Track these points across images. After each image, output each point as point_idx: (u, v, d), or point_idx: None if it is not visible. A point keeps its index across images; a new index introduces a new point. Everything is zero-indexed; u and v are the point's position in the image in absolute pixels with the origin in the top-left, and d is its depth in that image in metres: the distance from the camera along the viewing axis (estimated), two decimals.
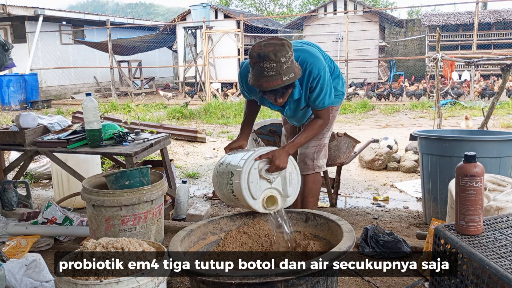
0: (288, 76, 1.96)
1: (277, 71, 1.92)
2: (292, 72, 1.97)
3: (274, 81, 1.94)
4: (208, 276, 1.56)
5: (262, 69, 1.92)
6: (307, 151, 2.53)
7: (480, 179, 1.56)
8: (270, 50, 1.91)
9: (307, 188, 2.56)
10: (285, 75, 1.94)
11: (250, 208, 2.04)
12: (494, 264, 1.38)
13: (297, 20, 18.08)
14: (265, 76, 1.94)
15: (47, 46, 15.43)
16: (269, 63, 1.91)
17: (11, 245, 2.63)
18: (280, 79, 1.94)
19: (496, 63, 5.56)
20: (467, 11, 16.16)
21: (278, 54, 1.91)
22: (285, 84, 1.96)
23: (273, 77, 1.93)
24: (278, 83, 1.94)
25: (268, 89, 1.97)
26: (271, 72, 1.92)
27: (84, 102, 2.89)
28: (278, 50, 1.91)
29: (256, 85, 1.98)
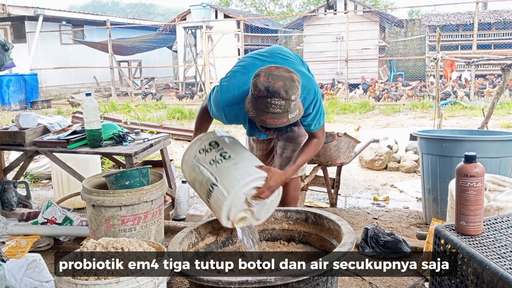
0: (294, 114, 1.79)
1: (285, 109, 1.74)
2: (297, 109, 1.80)
3: (280, 119, 1.76)
4: (207, 282, 1.56)
5: (269, 105, 1.73)
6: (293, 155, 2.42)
7: (480, 179, 1.56)
8: (281, 86, 1.72)
9: (289, 196, 2.49)
10: (292, 112, 1.77)
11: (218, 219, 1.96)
12: (494, 264, 1.38)
13: (297, 20, 18.07)
14: (271, 113, 1.74)
15: (47, 46, 15.43)
16: (278, 100, 1.72)
17: (11, 245, 2.63)
18: (286, 117, 1.76)
19: (496, 63, 5.57)
20: (467, 11, 16.15)
21: (289, 91, 1.72)
22: (290, 123, 1.79)
23: (280, 115, 1.74)
24: (284, 121, 1.76)
25: (272, 126, 1.79)
26: (278, 110, 1.73)
27: (84, 102, 2.89)
28: (289, 87, 1.73)
29: (257, 120, 1.79)
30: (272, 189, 1.93)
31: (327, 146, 3.30)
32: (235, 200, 1.87)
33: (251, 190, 1.90)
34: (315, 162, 3.43)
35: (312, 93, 1.98)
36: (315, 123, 2.09)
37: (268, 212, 2.06)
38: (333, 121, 8.73)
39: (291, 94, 1.73)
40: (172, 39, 17.11)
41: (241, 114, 1.96)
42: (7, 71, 10.92)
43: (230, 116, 2.04)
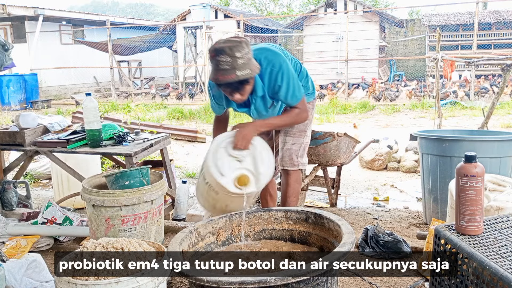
0: (243, 72, 2.02)
1: (232, 65, 2.00)
2: (248, 69, 2.04)
3: (228, 75, 2.01)
4: (207, 282, 1.55)
5: (218, 62, 2.01)
6: (293, 147, 2.52)
7: (480, 179, 1.56)
8: (226, 46, 2.01)
9: (290, 188, 2.53)
10: (240, 70, 2.01)
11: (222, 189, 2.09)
12: (494, 264, 1.38)
13: (297, 20, 18.07)
14: (220, 70, 2.02)
15: (47, 46, 15.43)
16: (224, 57, 2.00)
17: (11, 245, 2.63)
18: (234, 73, 2.01)
19: (496, 63, 5.56)
20: (467, 11, 16.14)
21: (233, 49, 2.00)
22: (239, 79, 2.03)
23: (228, 71, 2.01)
24: (233, 77, 2.01)
25: (222, 82, 2.04)
26: (226, 66, 2.00)
27: (84, 102, 2.89)
28: (234, 46, 2.01)
29: (213, 78, 2.06)
30: (245, 136, 2.15)
31: (327, 146, 3.30)
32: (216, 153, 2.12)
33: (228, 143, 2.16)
34: (315, 162, 3.43)
35: (277, 65, 2.20)
36: (290, 97, 2.25)
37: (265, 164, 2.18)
38: (333, 121, 8.73)
39: (235, 52, 2.01)
40: (172, 39, 17.11)
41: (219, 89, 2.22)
42: (7, 71, 10.91)
43: (216, 95, 2.34)
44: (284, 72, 2.20)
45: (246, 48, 2.05)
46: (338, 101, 11.06)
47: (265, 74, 2.21)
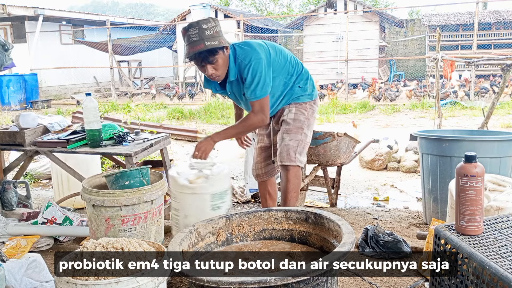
0: (211, 42, 2.17)
1: (200, 36, 2.16)
2: (216, 40, 2.19)
3: (198, 45, 2.16)
4: (207, 282, 1.55)
5: (188, 37, 2.19)
6: (290, 143, 2.52)
7: (480, 179, 1.56)
8: (194, 21, 2.21)
9: (290, 184, 2.54)
10: (208, 40, 2.16)
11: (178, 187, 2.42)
12: (494, 264, 1.38)
13: (297, 20, 18.07)
14: (190, 43, 2.18)
15: (47, 46, 15.43)
16: (193, 30, 2.17)
17: (11, 245, 2.63)
18: (203, 43, 2.16)
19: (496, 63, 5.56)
20: (467, 11, 16.14)
21: (200, 22, 2.19)
22: (207, 48, 2.16)
23: (196, 42, 2.16)
24: (202, 47, 2.16)
25: (192, 53, 2.18)
26: (195, 38, 2.17)
27: (84, 102, 2.89)
28: (201, 21, 2.19)
29: (186, 54, 2.21)
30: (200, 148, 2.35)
31: (327, 146, 3.30)
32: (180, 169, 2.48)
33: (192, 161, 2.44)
34: (315, 162, 3.43)
35: (247, 59, 2.30)
36: (250, 91, 2.32)
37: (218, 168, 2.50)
38: (333, 121, 8.73)
39: (202, 24, 2.18)
40: (172, 39, 17.10)
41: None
42: (7, 71, 10.91)
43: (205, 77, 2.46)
44: (252, 67, 2.29)
45: (212, 22, 2.21)
46: (338, 101, 11.06)
47: (237, 63, 2.33)
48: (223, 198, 2.64)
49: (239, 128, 2.46)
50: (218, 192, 2.59)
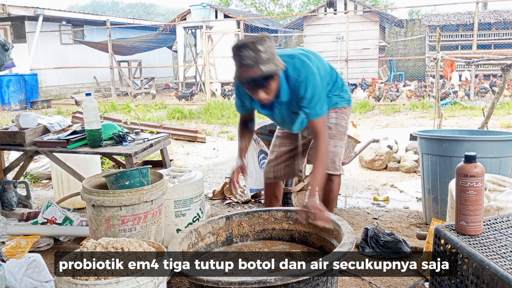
0: (268, 67, 1.90)
1: (255, 60, 1.89)
2: (272, 63, 1.92)
3: (252, 70, 1.90)
4: (207, 282, 1.55)
5: (241, 58, 1.91)
6: (336, 150, 2.42)
7: (480, 179, 1.56)
8: (249, 41, 1.92)
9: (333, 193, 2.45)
10: (264, 64, 1.89)
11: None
12: (494, 264, 1.38)
13: (297, 20, 18.07)
14: (243, 65, 1.91)
15: (47, 46, 15.43)
16: (247, 51, 1.89)
17: (11, 245, 2.63)
18: (258, 68, 1.89)
19: (496, 63, 5.56)
20: (467, 11, 16.15)
21: (256, 43, 1.90)
22: (264, 74, 1.90)
23: (251, 66, 1.90)
24: (257, 72, 1.90)
25: (246, 78, 1.93)
26: (249, 61, 1.89)
27: (84, 102, 2.89)
28: (257, 40, 1.91)
29: (237, 77, 1.96)
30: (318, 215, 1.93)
31: None
32: None
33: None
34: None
35: (302, 75, 2.08)
36: (311, 109, 2.11)
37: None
38: None
39: (258, 45, 1.89)
40: (172, 39, 17.10)
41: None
42: (7, 71, 10.91)
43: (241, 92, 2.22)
44: (310, 84, 2.08)
45: (268, 42, 1.93)
46: None
47: (290, 81, 2.10)
48: (188, 206, 2.76)
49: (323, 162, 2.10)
50: (182, 199, 2.75)
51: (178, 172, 2.98)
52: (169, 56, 20.90)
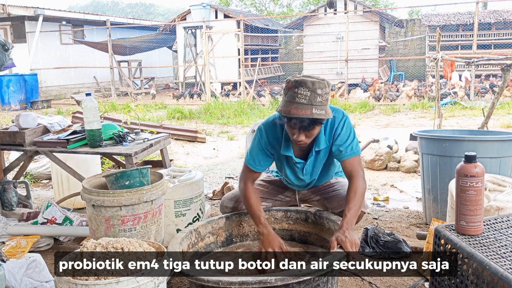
0: (319, 111, 1.85)
1: (310, 100, 1.83)
2: (324, 109, 1.86)
3: (303, 110, 1.83)
4: (207, 282, 1.56)
5: (296, 94, 1.84)
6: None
7: (480, 179, 1.56)
8: (308, 79, 1.86)
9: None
10: (317, 108, 1.84)
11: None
12: (494, 264, 1.38)
13: (297, 20, 18.07)
14: (296, 103, 1.84)
15: (47, 46, 15.43)
16: (304, 90, 1.84)
17: (11, 245, 2.63)
18: (310, 110, 1.83)
19: (496, 63, 5.56)
20: (467, 11, 16.15)
21: (315, 84, 1.84)
22: (313, 117, 1.84)
23: (304, 106, 1.83)
24: (307, 113, 1.83)
25: (295, 116, 1.84)
26: (303, 100, 1.83)
27: (84, 102, 2.89)
28: (316, 82, 1.86)
29: (284, 111, 1.87)
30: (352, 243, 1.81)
31: None
32: None
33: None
34: None
35: (340, 113, 2.07)
36: (346, 146, 2.04)
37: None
38: None
39: (317, 87, 1.84)
40: (172, 39, 17.11)
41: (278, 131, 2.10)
42: (7, 71, 10.92)
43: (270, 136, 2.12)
44: (346, 122, 2.06)
45: (327, 88, 1.88)
46: (338, 101, 11.06)
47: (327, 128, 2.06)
48: (188, 206, 2.75)
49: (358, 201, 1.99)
50: (182, 199, 2.74)
51: (178, 172, 2.98)
52: (169, 56, 20.90)
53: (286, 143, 2.08)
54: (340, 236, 1.80)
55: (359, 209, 1.99)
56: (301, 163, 2.14)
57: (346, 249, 1.76)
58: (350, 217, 1.91)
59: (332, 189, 2.28)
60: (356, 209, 1.96)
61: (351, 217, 1.91)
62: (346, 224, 1.86)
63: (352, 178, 2.04)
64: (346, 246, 1.77)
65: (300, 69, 18.08)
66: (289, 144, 2.08)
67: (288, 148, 2.09)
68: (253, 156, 2.15)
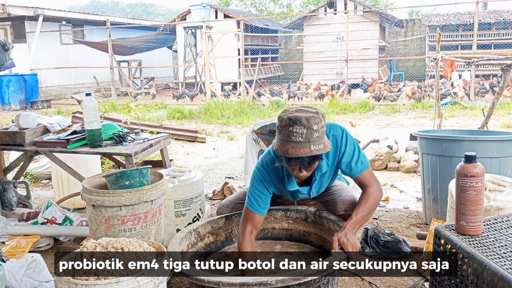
0: (318, 147, 1.78)
1: (307, 138, 1.76)
2: (322, 144, 1.80)
3: (302, 149, 1.76)
4: (208, 282, 1.55)
5: (291, 133, 1.77)
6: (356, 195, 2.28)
7: (480, 179, 1.56)
8: (303, 116, 1.77)
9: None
10: (315, 144, 1.77)
11: None
12: (494, 264, 1.38)
13: (297, 20, 18.07)
14: (292, 142, 1.77)
15: (47, 46, 15.42)
16: (300, 128, 1.76)
17: (11, 245, 2.63)
18: (308, 147, 1.77)
19: (496, 63, 5.56)
20: (467, 11, 16.15)
21: (310, 120, 1.77)
22: (312, 154, 1.78)
23: (301, 144, 1.76)
24: (306, 151, 1.76)
25: (294, 156, 1.77)
26: (300, 139, 1.76)
27: (84, 102, 2.89)
28: (311, 117, 1.78)
29: (281, 150, 1.80)
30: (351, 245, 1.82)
31: None
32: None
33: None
34: None
35: (338, 129, 2.01)
36: (355, 163, 2.00)
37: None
38: (333, 121, 8.72)
39: (313, 124, 1.76)
40: (172, 39, 17.11)
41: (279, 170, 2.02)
42: (7, 71, 10.92)
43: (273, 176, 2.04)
44: (348, 137, 2.01)
45: (322, 121, 1.81)
46: (338, 101, 11.06)
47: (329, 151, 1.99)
48: (188, 206, 2.76)
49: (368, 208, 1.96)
50: (182, 199, 2.75)
51: (178, 172, 2.98)
52: (169, 56, 20.90)
53: (288, 179, 2.02)
54: (342, 237, 1.79)
55: (368, 216, 1.95)
56: (307, 189, 2.10)
57: (346, 251, 1.76)
58: (355, 220, 1.89)
59: (330, 193, 2.28)
60: (364, 215, 1.92)
61: (356, 220, 1.89)
62: (349, 226, 1.85)
63: (366, 187, 2.02)
64: (347, 247, 1.76)
65: (300, 69, 18.08)
66: (291, 179, 2.02)
67: (292, 183, 2.03)
68: (255, 198, 2.05)
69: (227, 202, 2.39)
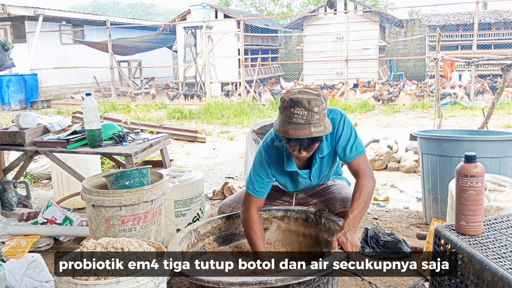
0: (318, 129, 1.80)
1: (307, 120, 1.78)
2: (322, 126, 1.82)
3: (302, 130, 1.78)
4: (208, 282, 1.55)
5: (292, 115, 1.79)
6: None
7: (480, 179, 1.56)
8: (304, 98, 1.79)
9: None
10: (315, 126, 1.79)
11: None
12: (494, 264, 1.38)
13: (297, 20, 18.08)
14: (293, 123, 1.79)
15: (47, 46, 15.42)
16: (301, 109, 1.78)
17: (11, 245, 2.63)
18: (308, 129, 1.78)
19: (496, 63, 5.55)
20: (467, 11, 16.15)
21: (311, 102, 1.78)
22: (312, 136, 1.79)
23: (301, 126, 1.78)
24: (306, 133, 1.78)
25: (294, 137, 1.79)
26: (301, 120, 1.78)
27: (84, 102, 2.89)
28: (313, 99, 1.79)
29: (281, 131, 1.82)
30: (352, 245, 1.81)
31: None
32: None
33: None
34: None
35: (338, 113, 2.02)
36: (350, 147, 2.01)
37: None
38: None
39: (314, 106, 1.78)
40: (172, 39, 17.11)
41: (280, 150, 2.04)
42: (7, 71, 10.91)
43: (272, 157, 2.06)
44: (346, 121, 2.01)
45: (324, 103, 1.83)
46: (338, 101, 11.06)
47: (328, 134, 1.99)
48: (188, 206, 2.76)
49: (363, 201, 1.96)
50: (182, 199, 2.75)
51: (178, 172, 2.97)
52: (169, 56, 20.90)
53: (288, 160, 2.04)
54: (341, 237, 1.79)
55: (364, 209, 1.95)
56: (307, 173, 2.11)
57: (346, 250, 1.76)
58: (352, 218, 1.88)
59: (329, 192, 2.28)
60: (359, 209, 1.93)
61: (353, 218, 1.89)
62: (347, 226, 1.85)
63: (358, 177, 2.03)
64: (347, 247, 1.76)
65: (300, 69, 18.09)
66: (291, 159, 2.04)
67: (292, 164, 2.05)
68: (256, 180, 2.08)
69: (228, 202, 2.40)
